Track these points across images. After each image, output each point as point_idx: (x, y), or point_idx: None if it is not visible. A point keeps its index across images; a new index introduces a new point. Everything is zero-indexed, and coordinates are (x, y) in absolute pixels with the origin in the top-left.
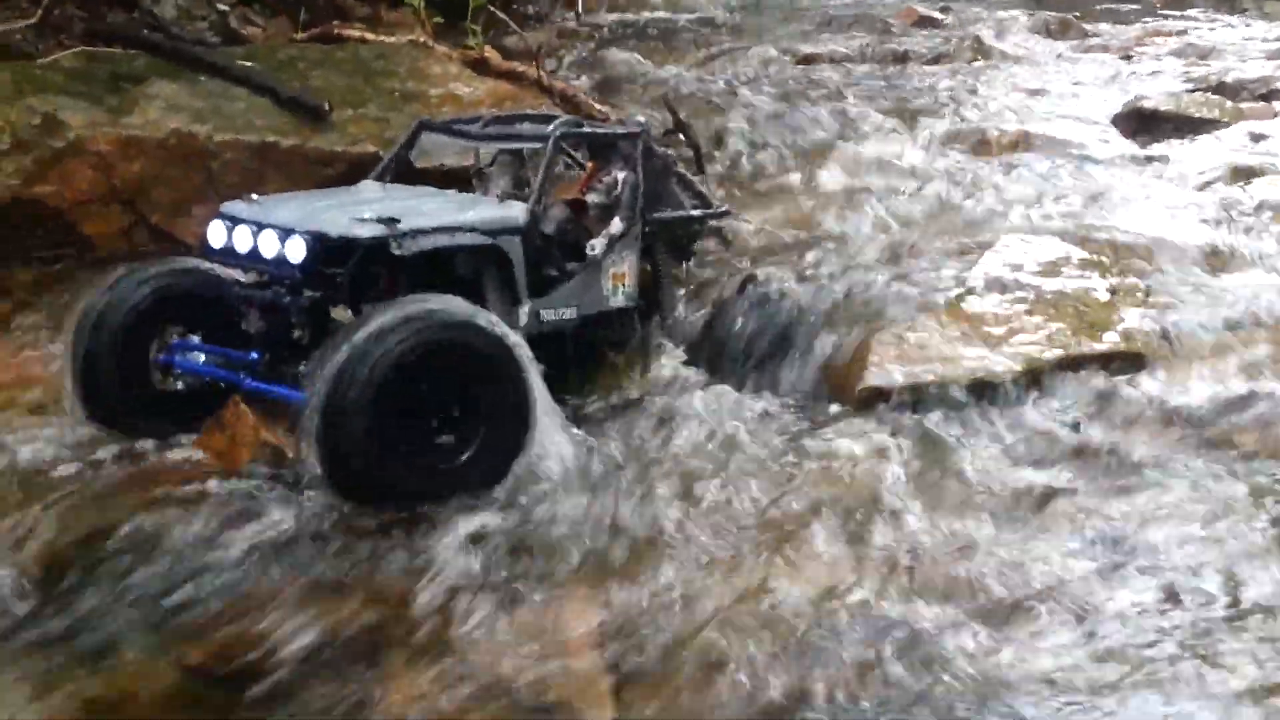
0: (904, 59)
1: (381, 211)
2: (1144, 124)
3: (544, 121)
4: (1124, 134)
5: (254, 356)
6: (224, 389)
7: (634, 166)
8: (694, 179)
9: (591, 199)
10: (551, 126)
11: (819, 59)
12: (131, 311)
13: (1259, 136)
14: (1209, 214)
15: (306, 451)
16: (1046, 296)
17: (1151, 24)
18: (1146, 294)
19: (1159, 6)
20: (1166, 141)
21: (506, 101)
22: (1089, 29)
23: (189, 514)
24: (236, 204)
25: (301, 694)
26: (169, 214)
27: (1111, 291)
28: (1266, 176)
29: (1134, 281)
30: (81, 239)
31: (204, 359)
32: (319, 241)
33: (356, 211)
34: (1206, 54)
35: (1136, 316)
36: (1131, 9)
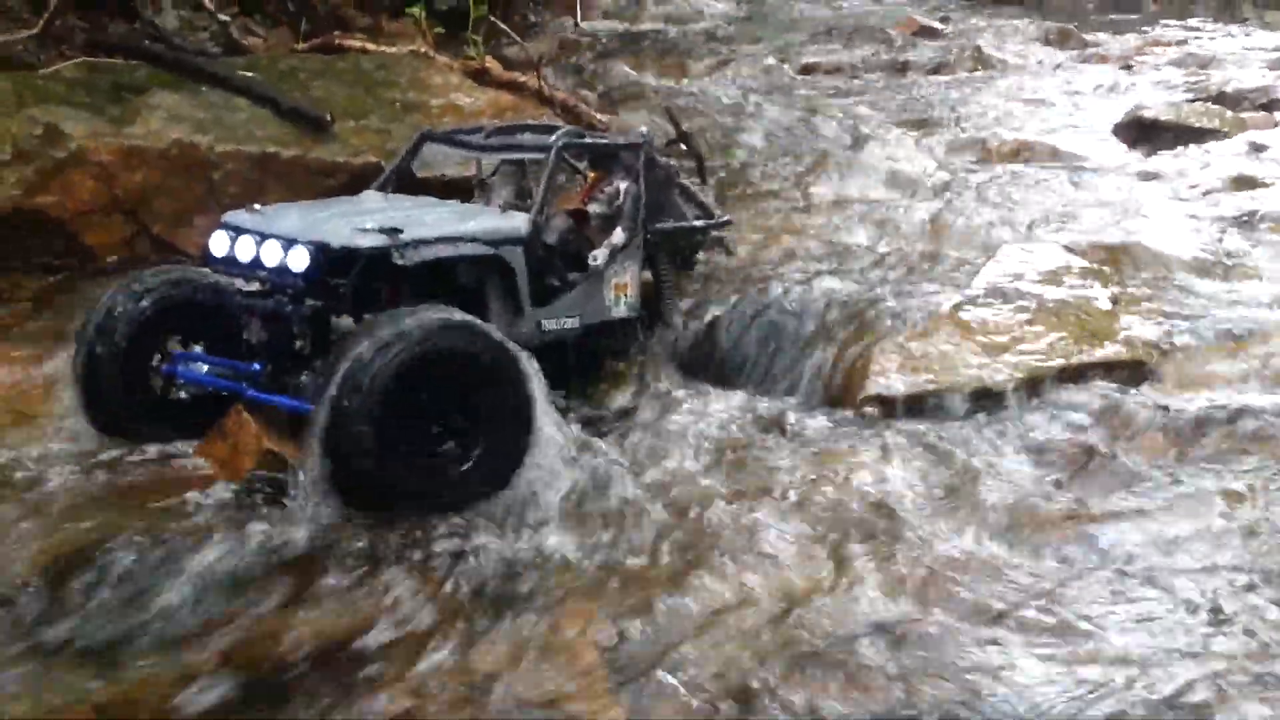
0: (905, 69)
1: (384, 222)
2: (1144, 134)
3: (546, 132)
4: (1124, 143)
5: (256, 366)
6: (226, 397)
7: (636, 177)
8: (695, 189)
9: (594, 209)
10: (554, 137)
11: (820, 69)
12: (135, 321)
13: (1259, 146)
14: (1210, 223)
15: (310, 459)
16: (1048, 305)
17: (1151, 33)
18: (1148, 303)
19: (1159, 16)
20: (1167, 151)
21: (507, 112)
22: (1089, 38)
23: (192, 522)
24: (239, 214)
25: (303, 702)
26: (170, 224)
27: (1113, 300)
28: (1267, 186)
29: (1135, 290)
30: (83, 249)
31: (206, 369)
32: (321, 251)
33: (359, 222)
34: (1207, 63)
35: (1138, 325)
36: (1131, 18)
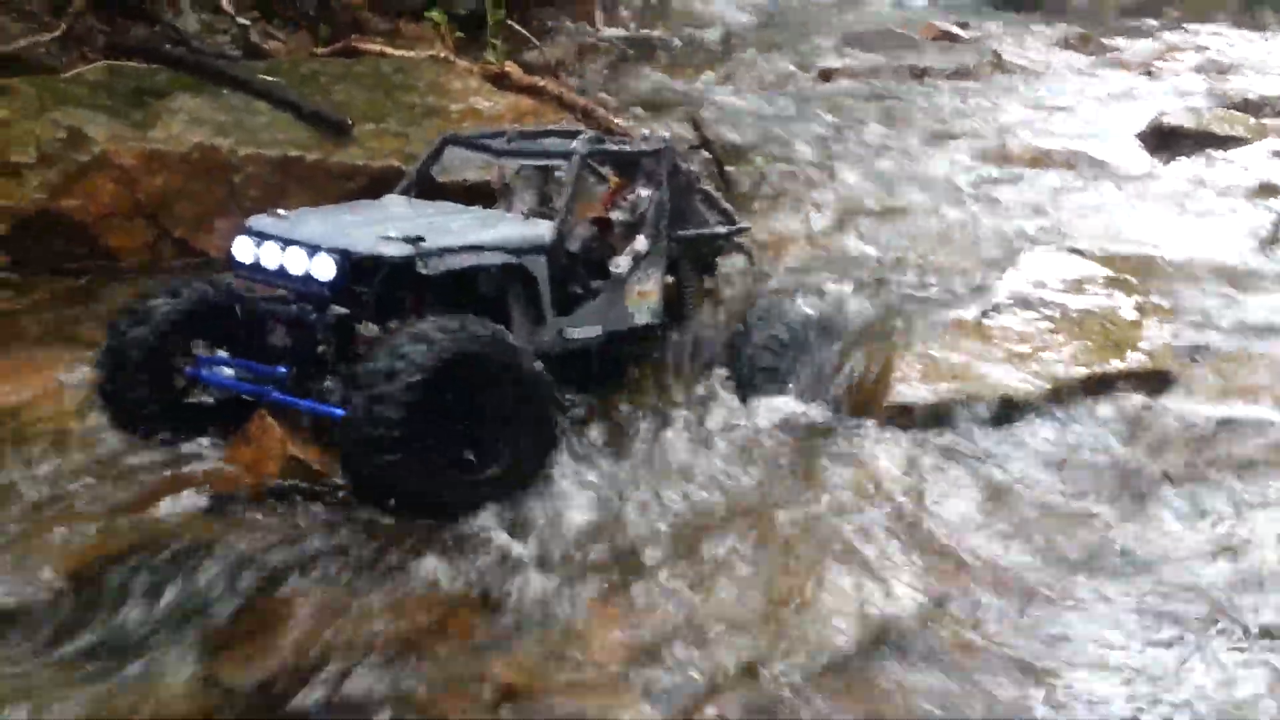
0: (925, 74)
1: (408, 229)
2: (1166, 140)
3: (568, 137)
4: (1146, 150)
5: (280, 371)
6: (251, 401)
7: (659, 183)
8: (718, 195)
9: (616, 216)
10: (576, 144)
11: (840, 73)
12: (160, 325)
13: None
14: (1234, 231)
15: (338, 462)
16: (1072, 314)
17: (1172, 39)
18: (1172, 312)
19: (1180, 22)
20: (1189, 158)
21: (527, 116)
22: (1109, 44)
23: (217, 527)
24: (263, 219)
25: (330, 706)
26: (192, 228)
27: (1137, 309)
28: None
29: (1159, 300)
30: (105, 252)
31: (231, 373)
32: (346, 259)
33: (383, 229)
34: (1228, 70)
35: (1162, 335)
36: (1152, 24)
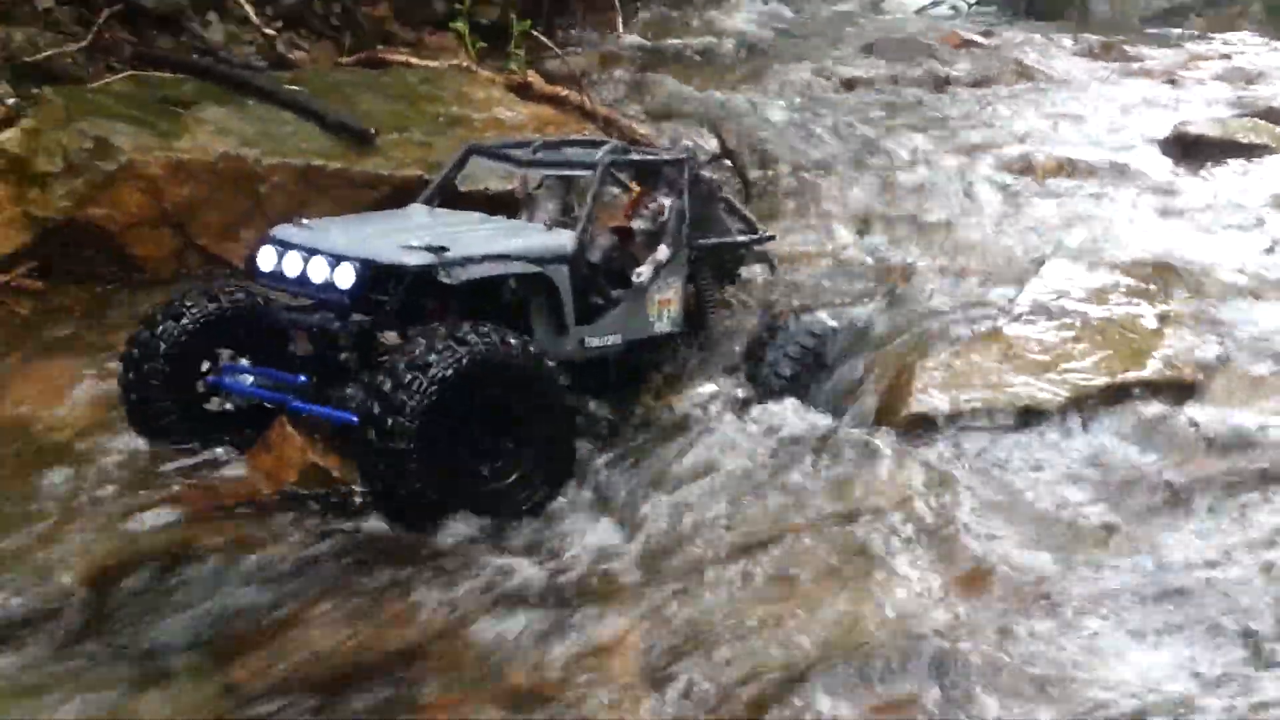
0: (947, 83)
1: (430, 239)
2: (1190, 149)
3: (592, 147)
4: (1170, 159)
5: (301, 378)
6: (273, 409)
7: (680, 192)
8: (739, 204)
9: (638, 225)
10: (600, 154)
11: (862, 83)
12: (183, 333)
13: None
14: (1257, 241)
15: (356, 471)
16: (1093, 323)
17: (1196, 47)
18: (1195, 322)
19: (1204, 30)
20: (1213, 167)
21: (550, 126)
22: (1132, 52)
23: (236, 533)
24: (287, 228)
25: (340, 709)
26: (217, 237)
27: (1159, 319)
28: None
29: (1181, 309)
30: (132, 261)
31: (252, 380)
32: (368, 268)
33: (406, 238)
34: (1253, 78)
35: (1185, 344)
36: (1176, 32)
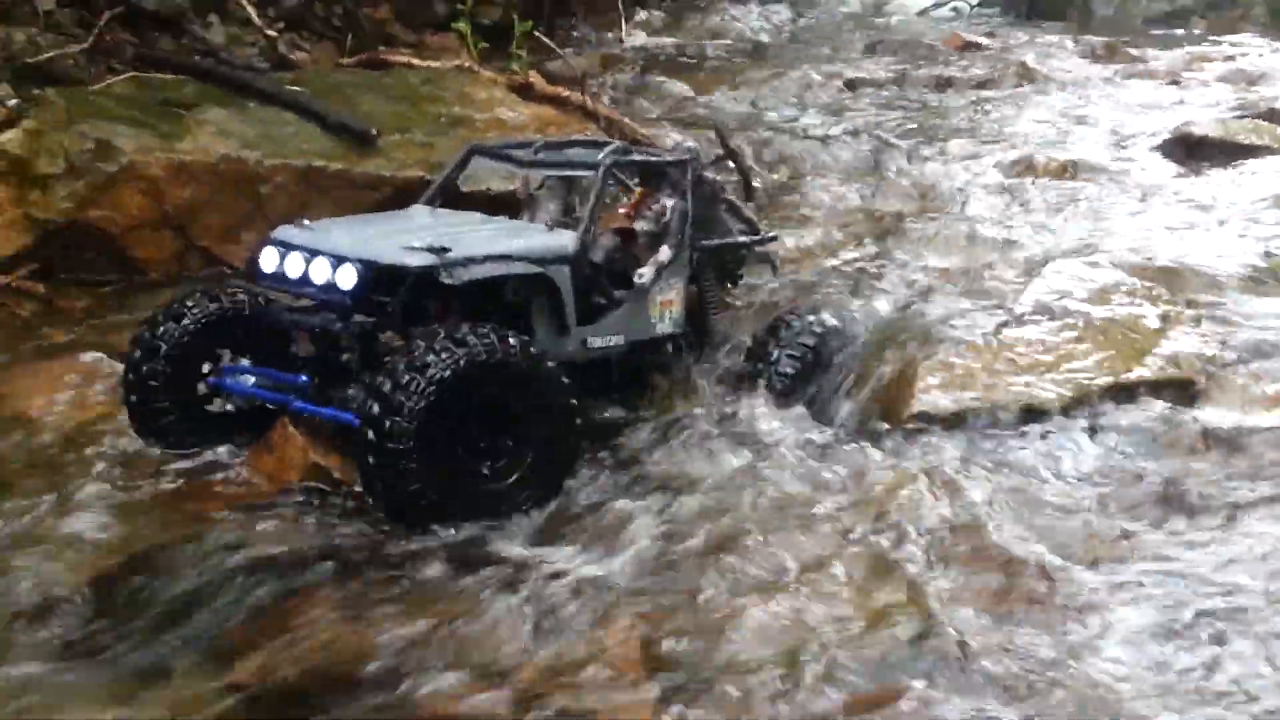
0: (950, 84)
1: (432, 239)
2: (1192, 150)
3: (594, 147)
4: (1172, 160)
5: (303, 380)
6: (275, 410)
7: (683, 193)
8: (741, 205)
9: (640, 227)
10: (602, 155)
11: (865, 84)
12: (184, 334)
13: None
14: (1259, 241)
15: (357, 472)
16: (1095, 323)
17: (1199, 49)
18: (1197, 321)
19: (1207, 32)
20: (1215, 168)
21: (551, 126)
22: (1135, 54)
23: (238, 534)
24: (288, 229)
25: (347, 712)
26: (219, 239)
27: (1161, 319)
28: None
29: (1184, 309)
30: (133, 263)
31: (254, 381)
32: (370, 269)
33: (407, 239)
34: (1255, 80)
35: (1187, 344)
36: (1178, 34)
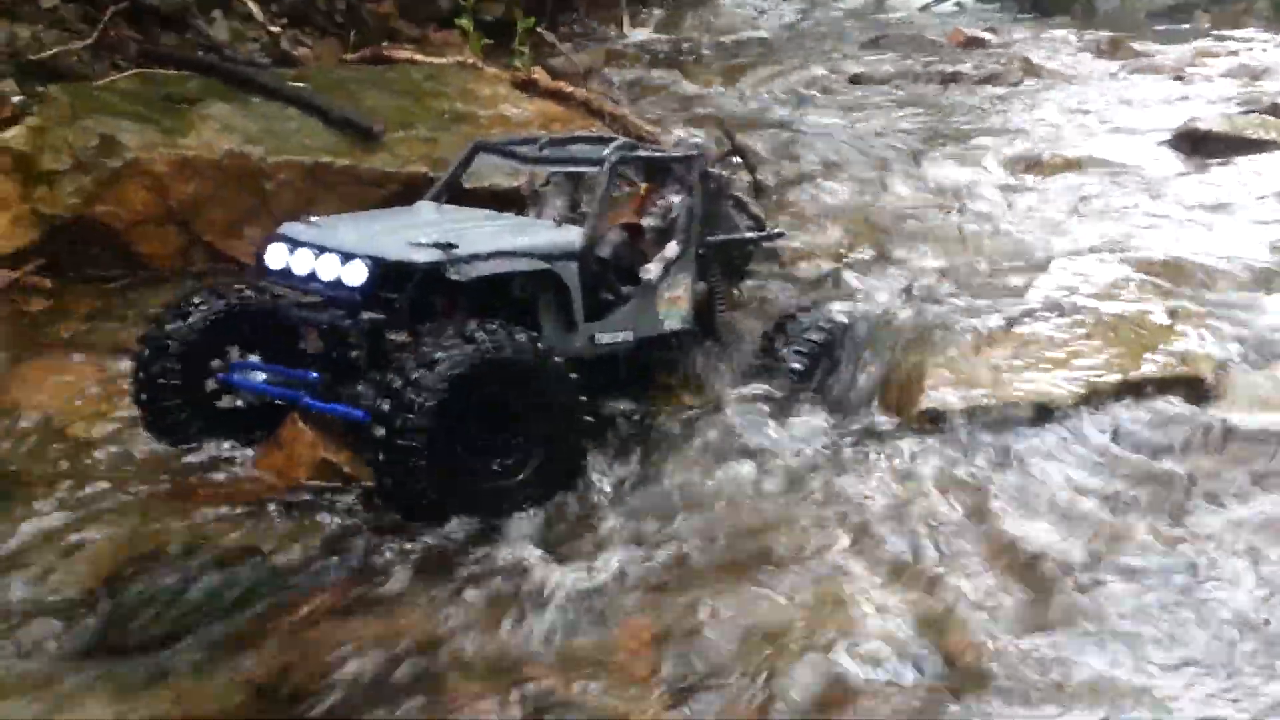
0: (953, 79)
1: (440, 236)
2: (1198, 145)
3: (600, 144)
4: (1178, 155)
5: (312, 376)
6: (284, 406)
7: (690, 189)
8: (748, 201)
9: (647, 223)
10: (608, 151)
11: (869, 79)
12: (194, 332)
13: None
14: (1266, 236)
15: (367, 467)
16: (1104, 319)
17: (1203, 44)
18: (1205, 318)
19: (1211, 26)
20: (1221, 163)
21: (555, 122)
22: (1139, 49)
23: (248, 530)
24: (295, 225)
25: (358, 710)
26: (223, 234)
27: (1170, 315)
28: None
29: (1192, 305)
30: (138, 258)
31: (263, 378)
32: (378, 266)
33: (415, 236)
34: (1260, 74)
35: (1196, 340)
36: (1183, 29)
